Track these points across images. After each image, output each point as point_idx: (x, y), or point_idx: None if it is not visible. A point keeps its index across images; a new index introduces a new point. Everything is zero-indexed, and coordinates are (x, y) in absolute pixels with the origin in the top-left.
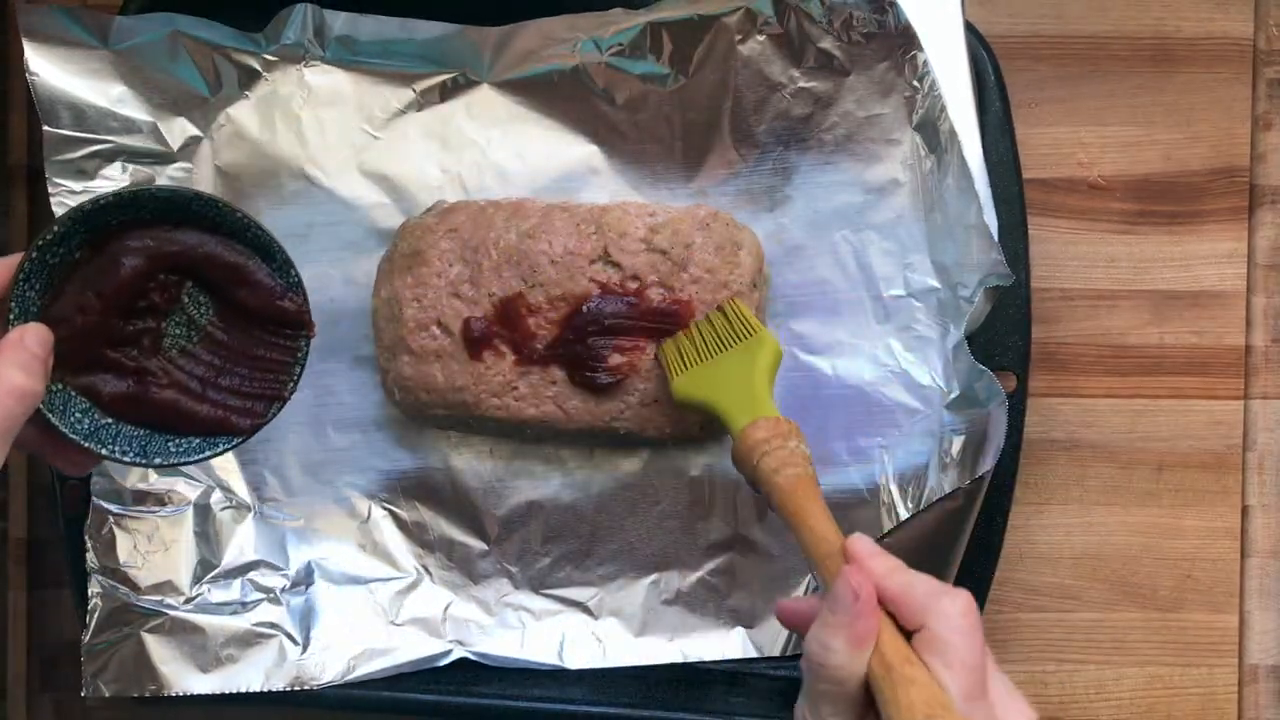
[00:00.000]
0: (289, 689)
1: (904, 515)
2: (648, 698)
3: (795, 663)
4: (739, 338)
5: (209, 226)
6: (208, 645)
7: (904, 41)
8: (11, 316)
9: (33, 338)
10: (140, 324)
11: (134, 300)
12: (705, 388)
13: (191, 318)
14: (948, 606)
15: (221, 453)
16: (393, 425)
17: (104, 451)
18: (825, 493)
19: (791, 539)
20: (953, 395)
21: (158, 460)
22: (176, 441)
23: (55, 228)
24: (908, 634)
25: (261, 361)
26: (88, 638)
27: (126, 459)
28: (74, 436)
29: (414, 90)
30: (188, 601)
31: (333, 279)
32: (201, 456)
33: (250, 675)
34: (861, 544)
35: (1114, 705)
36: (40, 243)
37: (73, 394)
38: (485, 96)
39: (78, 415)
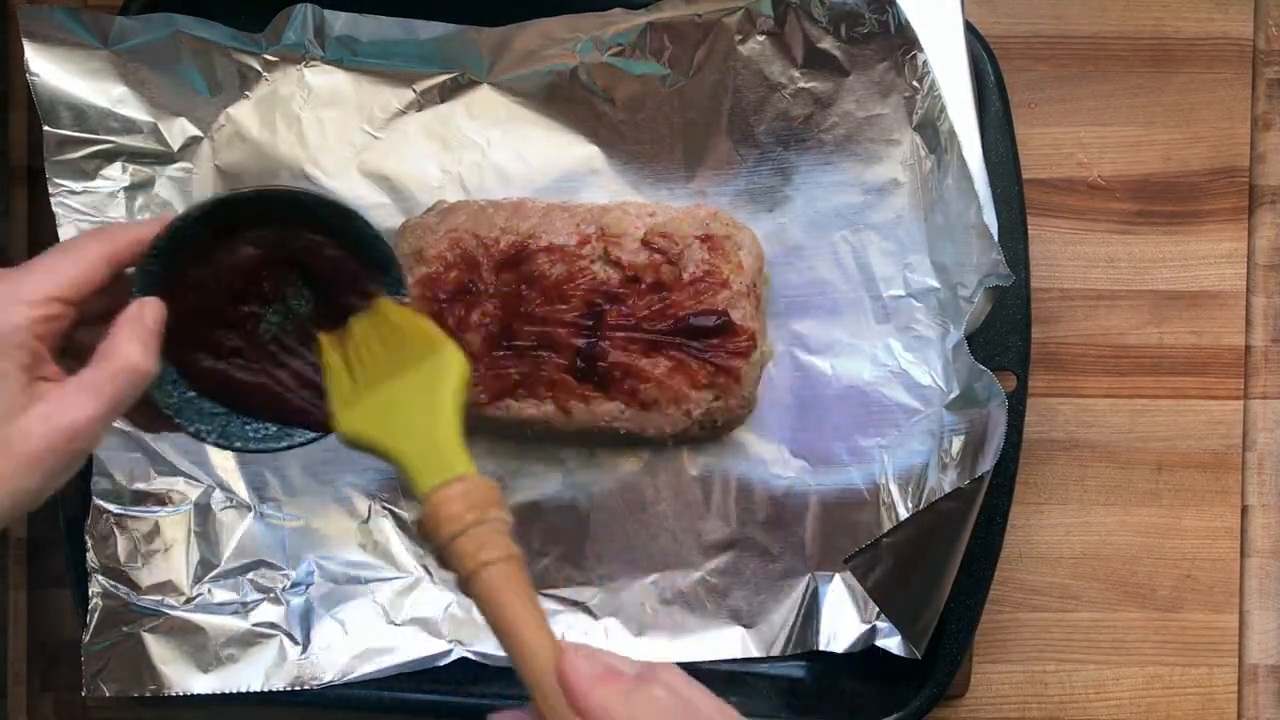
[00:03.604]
0: (289, 689)
1: (904, 515)
2: None
3: (795, 662)
4: (414, 352)
5: (333, 232)
6: (208, 645)
7: (904, 42)
8: (134, 288)
9: (150, 312)
10: (245, 308)
11: (246, 286)
12: (379, 427)
13: (291, 309)
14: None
15: (296, 446)
16: None
17: (190, 429)
18: (825, 493)
19: (783, 540)
20: (952, 395)
21: (236, 444)
22: (254, 426)
23: (195, 211)
24: None
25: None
26: (88, 638)
27: (208, 440)
28: (166, 411)
29: (414, 90)
30: (188, 601)
31: None
32: (278, 446)
33: (250, 675)
34: (576, 669)
35: (1114, 705)
36: (179, 223)
37: (167, 365)
38: (485, 96)
39: (168, 387)
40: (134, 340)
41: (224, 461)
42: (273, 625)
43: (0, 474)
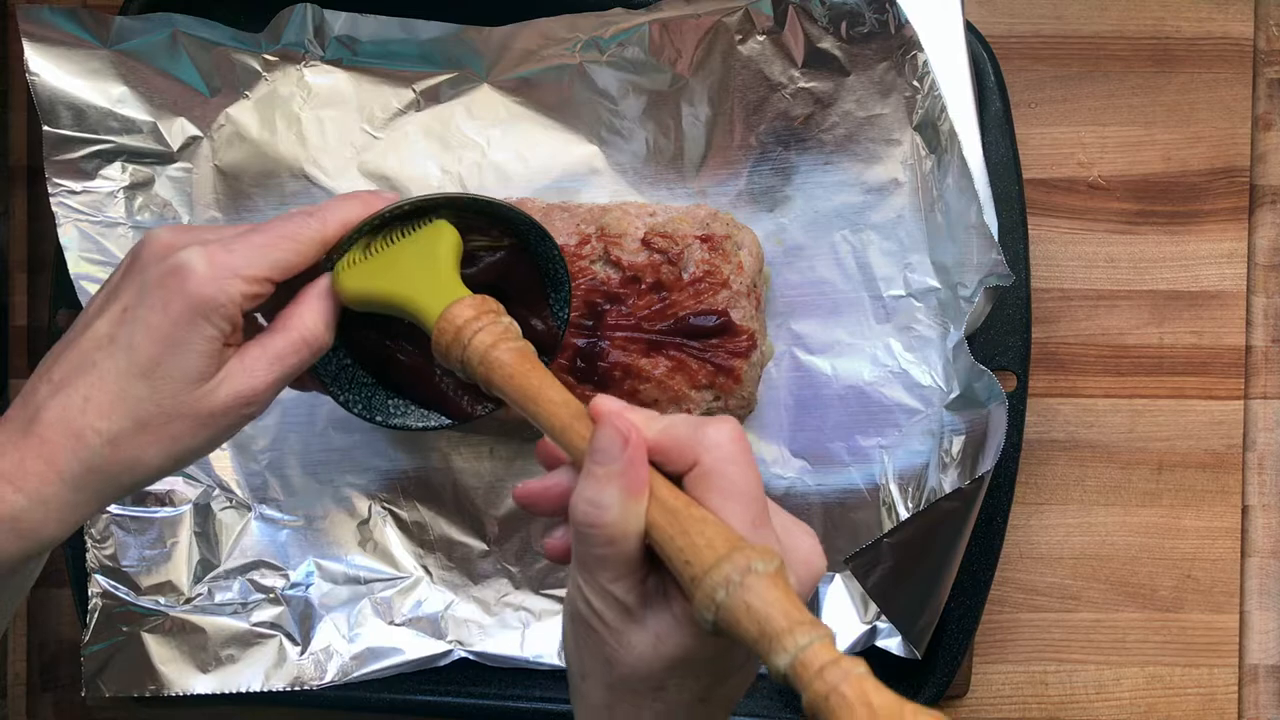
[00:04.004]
0: (289, 689)
1: (904, 515)
2: None
3: None
4: (409, 234)
5: (525, 246)
6: (208, 645)
7: (904, 41)
8: (326, 265)
9: (331, 287)
10: None
11: None
12: (381, 280)
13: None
14: (715, 435)
15: (431, 429)
16: None
17: (341, 398)
18: (825, 493)
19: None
20: (953, 395)
21: (378, 419)
22: (396, 402)
23: (400, 205)
24: (677, 481)
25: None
26: (88, 638)
27: (353, 410)
28: (323, 377)
29: (414, 90)
30: (188, 602)
31: None
32: (414, 426)
33: (250, 675)
34: (609, 401)
35: (1114, 705)
36: (395, 209)
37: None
38: (485, 96)
39: (327, 354)
40: (319, 313)
41: (224, 461)
42: (273, 625)
43: (177, 433)
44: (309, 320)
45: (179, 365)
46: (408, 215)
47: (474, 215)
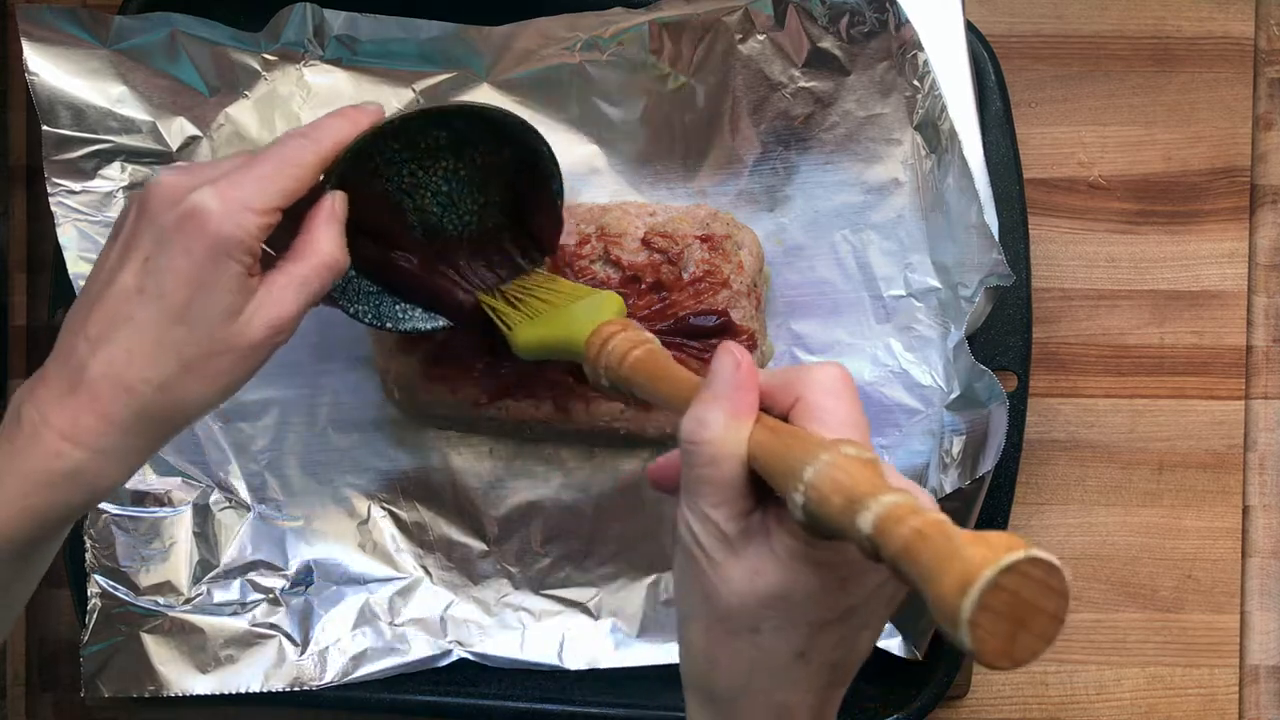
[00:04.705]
0: (288, 689)
1: None
2: (648, 698)
3: None
4: (576, 296)
5: (508, 142)
6: (207, 645)
7: (904, 41)
8: (328, 183)
9: (340, 206)
10: (413, 200)
11: (418, 177)
12: (550, 329)
13: (455, 203)
14: (817, 373)
15: (441, 329)
16: (392, 425)
17: (350, 309)
18: None
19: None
20: (953, 395)
21: (388, 325)
22: (404, 308)
23: (391, 120)
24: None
25: (498, 260)
26: (87, 638)
27: (364, 320)
28: (332, 293)
29: (414, 90)
30: (187, 602)
31: None
32: (425, 328)
33: (250, 676)
34: (733, 344)
35: (1115, 706)
36: (375, 129)
37: None
38: (485, 96)
39: None
40: (333, 237)
41: (224, 461)
42: (272, 625)
43: (221, 369)
44: (325, 245)
45: (212, 304)
46: (402, 130)
47: (467, 125)
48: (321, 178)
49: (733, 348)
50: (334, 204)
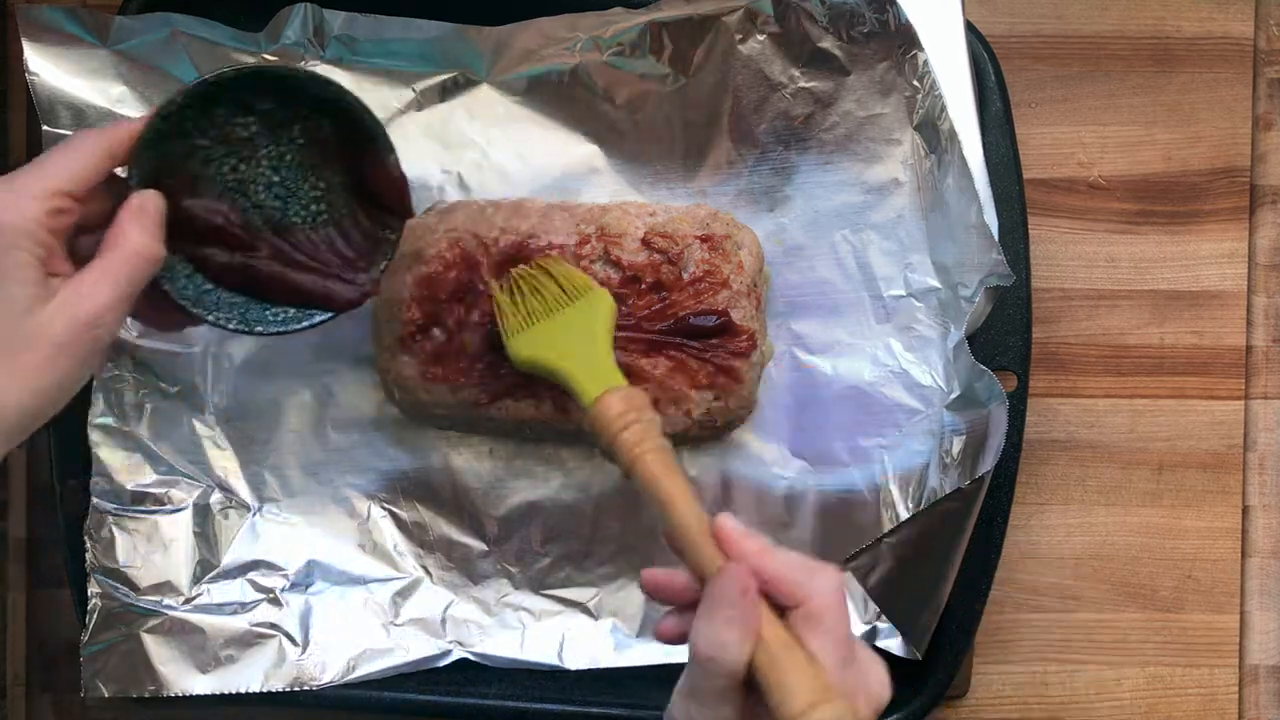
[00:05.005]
0: (289, 689)
1: (904, 515)
2: (647, 698)
3: None
4: (571, 294)
5: (311, 101)
6: (207, 645)
7: (904, 41)
8: (133, 181)
9: (151, 202)
10: (249, 198)
11: (244, 172)
12: (546, 349)
13: (292, 190)
14: (822, 584)
15: (316, 325)
16: (393, 425)
17: (209, 318)
18: (826, 493)
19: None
20: (953, 395)
21: (257, 329)
22: (274, 310)
23: (175, 99)
24: (780, 609)
25: (359, 239)
26: (87, 638)
27: (228, 326)
28: (181, 301)
29: (414, 90)
30: (187, 602)
31: None
32: (299, 326)
33: (250, 675)
34: (730, 526)
35: (1115, 705)
36: (161, 113)
37: (178, 260)
38: (485, 96)
39: (183, 281)
40: (138, 226)
41: (224, 461)
42: (272, 625)
43: (27, 367)
44: (132, 235)
45: (5, 297)
46: (187, 110)
47: (276, 106)
48: (127, 176)
49: (734, 574)
50: (141, 199)
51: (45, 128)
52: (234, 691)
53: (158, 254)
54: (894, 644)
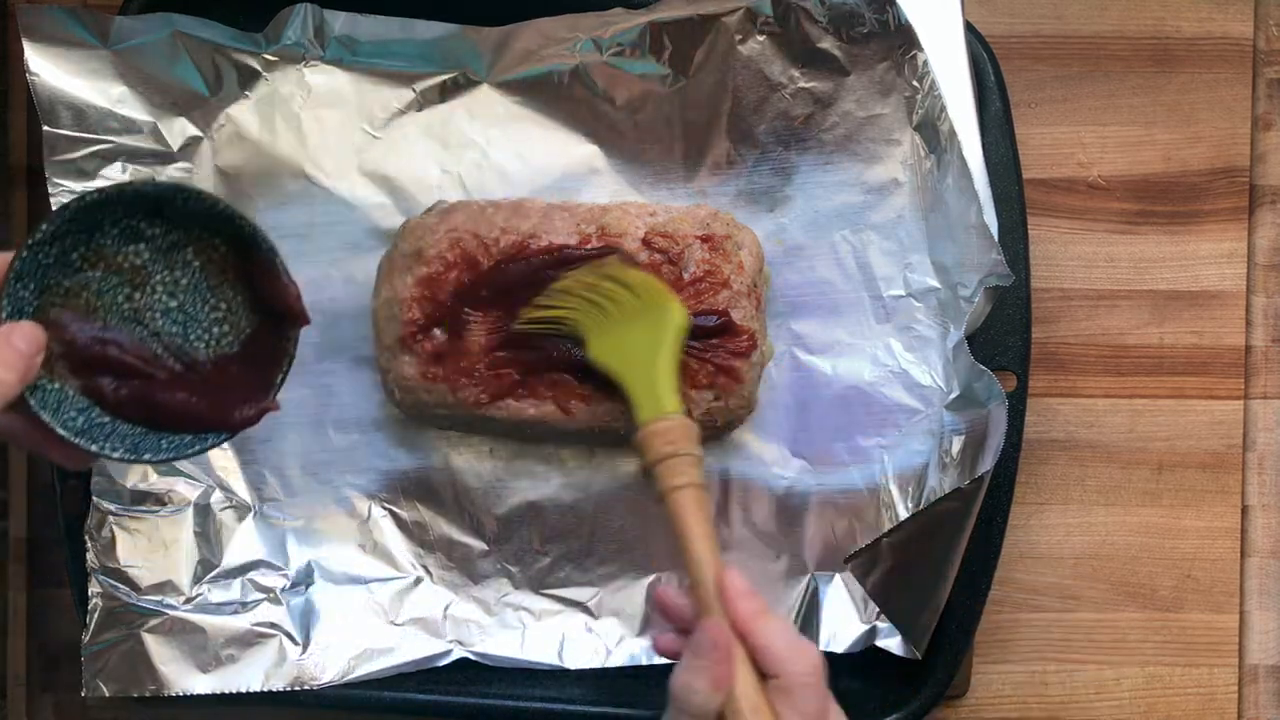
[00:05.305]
0: (289, 689)
1: (904, 515)
2: (647, 698)
3: None
4: (649, 300)
5: (200, 220)
6: (208, 645)
7: (904, 41)
8: (3, 314)
9: (19, 335)
10: (140, 324)
11: (132, 297)
12: (616, 358)
13: (183, 309)
14: (800, 664)
15: (210, 447)
16: (393, 425)
17: (94, 448)
18: (825, 493)
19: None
20: (953, 395)
21: (147, 456)
22: (169, 438)
23: (45, 226)
24: (764, 674)
25: (261, 355)
26: (88, 637)
27: (115, 455)
28: (63, 433)
29: (414, 90)
30: (188, 601)
31: (333, 279)
32: (192, 451)
33: (250, 675)
34: (734, 584)
35: (1114, 705)
36: (31, 241)
37: (70, 392)
38: (485, 96)
39: (73, 414)
40: None
41: (224, 461)
42: (273, 625)
43: None
44: None
45: None
46: (57, 239)
47: (163, 232)
48: (4, 313)
49: (713, 630)
50: (9, 333)
51: (46, 128)
52: (234, 691)
53: (11, 386)
54: (894, 644)
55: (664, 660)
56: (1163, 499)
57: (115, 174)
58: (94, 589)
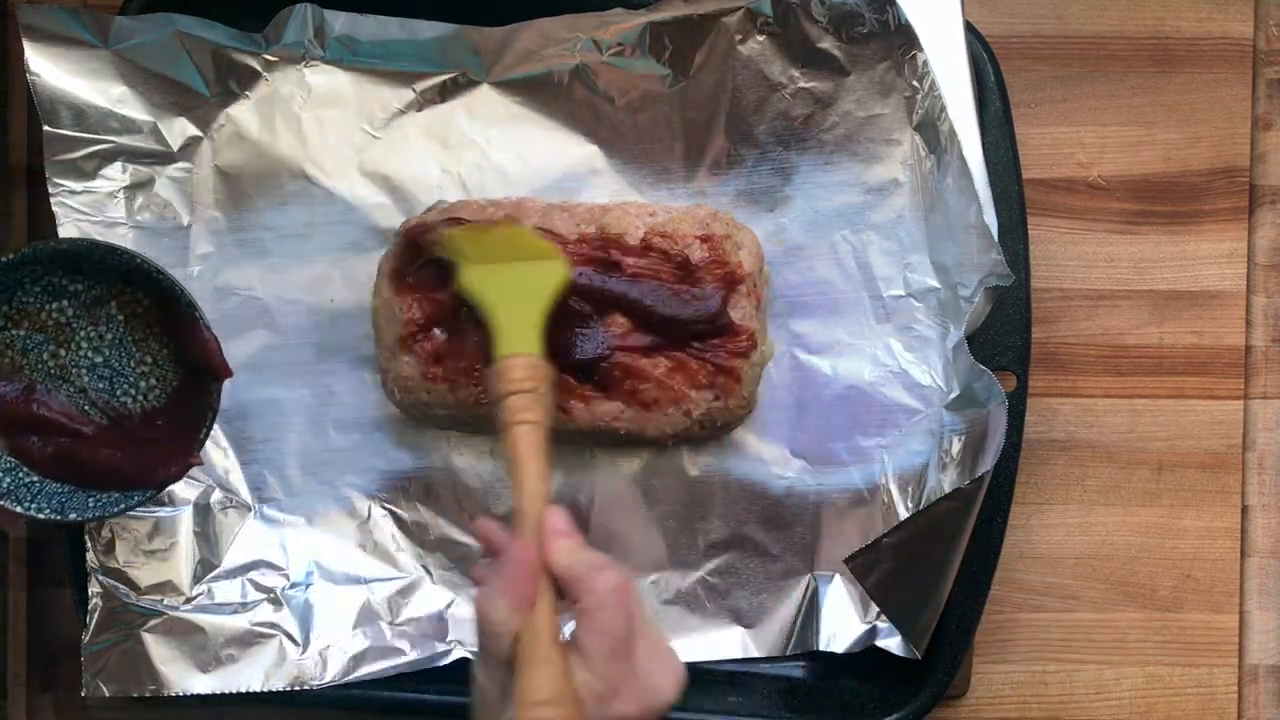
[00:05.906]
0: (289, 689)
1: (904, 515)
2: None
3: (795, 662)
4: (531, 250)
5: (120, 275)
6: (208, 645)
7: (904, 41)
8: None
9: None
10: (64, 382)
11: (56, 354)
12: (490, 291)
13: (115, 367)
14: (601, 582)
15: (136, 505)
16: (393, 425)
17: (18, 509)
18: (825, 493)
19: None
20: (952, 395)
21: (73, 516)
22: (96, 496)
23: None
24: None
25: (185, 409)
26: (88, 637)
27: (42, 516)
28: None
29: (414, 90)
30: (188, 601)
31: (333, 279)
32: (117, 510)
33: (250, 675)
34: (552, 519)
35: (1114, 705)
36: None
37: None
38: (485, 96)
39: None
40: None
41: (224, 461)
42: (273, 625)
43: None
44: None
45: None
46: (7, 295)
47: (86, 287)
48: None
49: (518, 550)
50: None
51: (46, 128)
52: (234, 691)
53: None
54: (894, 644)
55: None
56: (1163, 499)
57: (115, 174)
58: (94, 589)
